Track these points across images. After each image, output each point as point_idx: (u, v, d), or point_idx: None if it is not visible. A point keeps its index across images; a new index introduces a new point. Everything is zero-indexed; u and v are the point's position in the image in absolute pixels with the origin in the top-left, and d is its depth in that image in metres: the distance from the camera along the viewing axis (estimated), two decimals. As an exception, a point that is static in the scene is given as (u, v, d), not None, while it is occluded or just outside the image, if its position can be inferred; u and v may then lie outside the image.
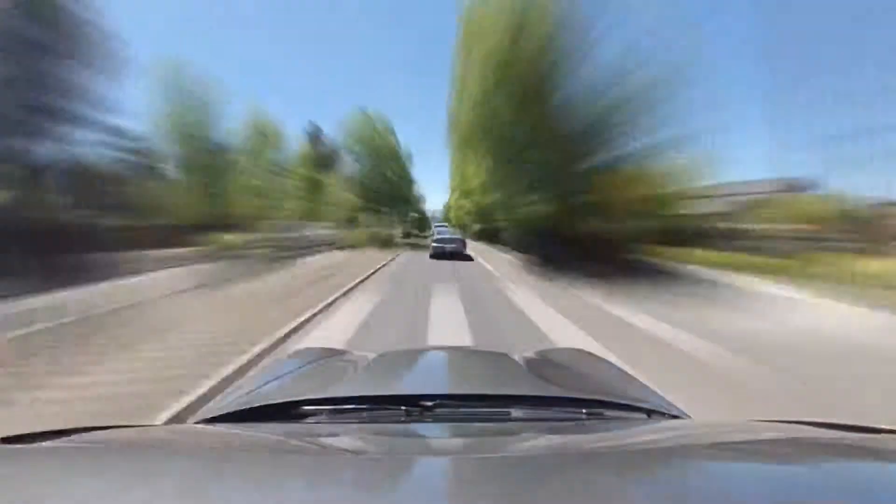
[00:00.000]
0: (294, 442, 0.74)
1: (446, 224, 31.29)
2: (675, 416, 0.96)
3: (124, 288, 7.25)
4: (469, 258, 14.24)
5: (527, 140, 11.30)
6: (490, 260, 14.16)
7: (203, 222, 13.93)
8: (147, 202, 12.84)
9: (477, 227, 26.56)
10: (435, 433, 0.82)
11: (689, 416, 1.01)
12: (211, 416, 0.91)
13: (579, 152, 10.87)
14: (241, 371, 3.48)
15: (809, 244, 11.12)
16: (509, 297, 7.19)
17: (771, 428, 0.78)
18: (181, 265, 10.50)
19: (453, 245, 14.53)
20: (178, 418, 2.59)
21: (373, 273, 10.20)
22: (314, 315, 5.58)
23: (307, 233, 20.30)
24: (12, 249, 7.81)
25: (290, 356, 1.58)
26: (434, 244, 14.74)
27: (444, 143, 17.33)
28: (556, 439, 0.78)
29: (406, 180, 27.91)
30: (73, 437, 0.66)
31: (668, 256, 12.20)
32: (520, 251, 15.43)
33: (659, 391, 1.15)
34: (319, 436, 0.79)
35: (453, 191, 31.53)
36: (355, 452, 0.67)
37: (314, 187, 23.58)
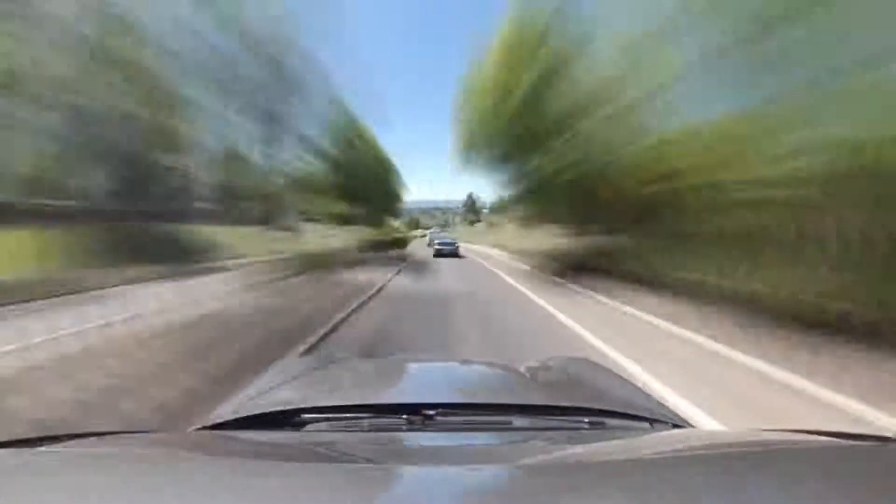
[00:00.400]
0: (295, 450, 0.74)
1: (443, 229, 40.13)
2: (677, 426, 0.97)
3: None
4: (461, 256, 19.64)
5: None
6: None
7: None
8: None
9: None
10: (436, 442, 0.82)
11: (693, 426, 1.01)
12: (212, 423, 0.92)
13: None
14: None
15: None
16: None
17: (774, 437, 0.78)
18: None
19: (450, 248, 20.32)
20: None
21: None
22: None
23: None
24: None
25: (292, 362, 1.59)
26: (437, 246, 20.66)
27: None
28: (558, 448, 0.78)
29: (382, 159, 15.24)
30: (74, 442, 0.66)
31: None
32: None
33: (663, 401, 1.13)
34: (320, 444, 0.79)
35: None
36: (356, 461, 0.68)
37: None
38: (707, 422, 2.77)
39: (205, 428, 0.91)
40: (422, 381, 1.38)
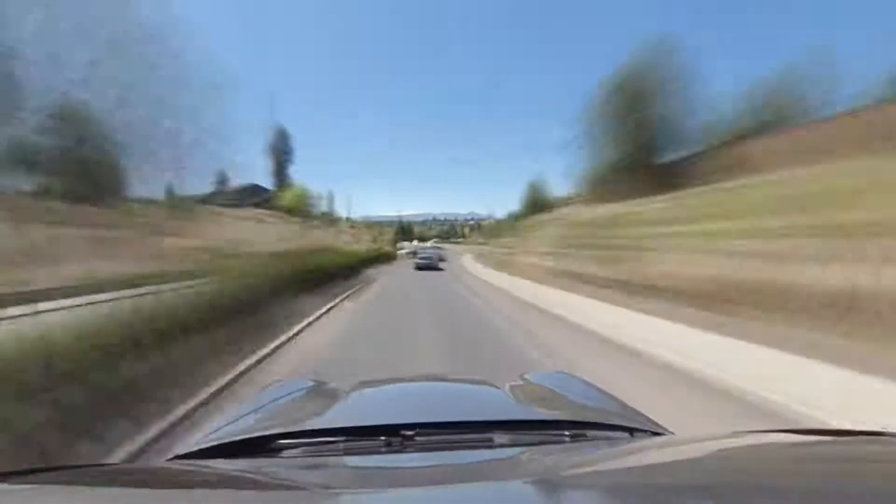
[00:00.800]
0: (272, 477, 0.73)
1: (428, 244, 43.89)
2: (656, 433, 0.97)
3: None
4: (441, 269, 21.67)
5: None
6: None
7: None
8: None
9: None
10: (416, 463, 0.81)
11: (672, 432, 1.02)
12: (187, 451, 0.90)
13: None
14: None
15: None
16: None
17: (752, 438, 0.79)
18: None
19: (430, 260, 22.73)
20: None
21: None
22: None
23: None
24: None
25: (267, 388, 1.57)
26: (418, 260, 23.01)
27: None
28: (538, 463, 0.78)
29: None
30: (46, 475, 0.64)
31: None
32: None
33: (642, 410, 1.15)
34: (298, 470, 0.78)
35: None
36: (334, 487, 0.67)
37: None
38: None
39: (178, 457, 0.89)
40: (400, 401, 1.37)
